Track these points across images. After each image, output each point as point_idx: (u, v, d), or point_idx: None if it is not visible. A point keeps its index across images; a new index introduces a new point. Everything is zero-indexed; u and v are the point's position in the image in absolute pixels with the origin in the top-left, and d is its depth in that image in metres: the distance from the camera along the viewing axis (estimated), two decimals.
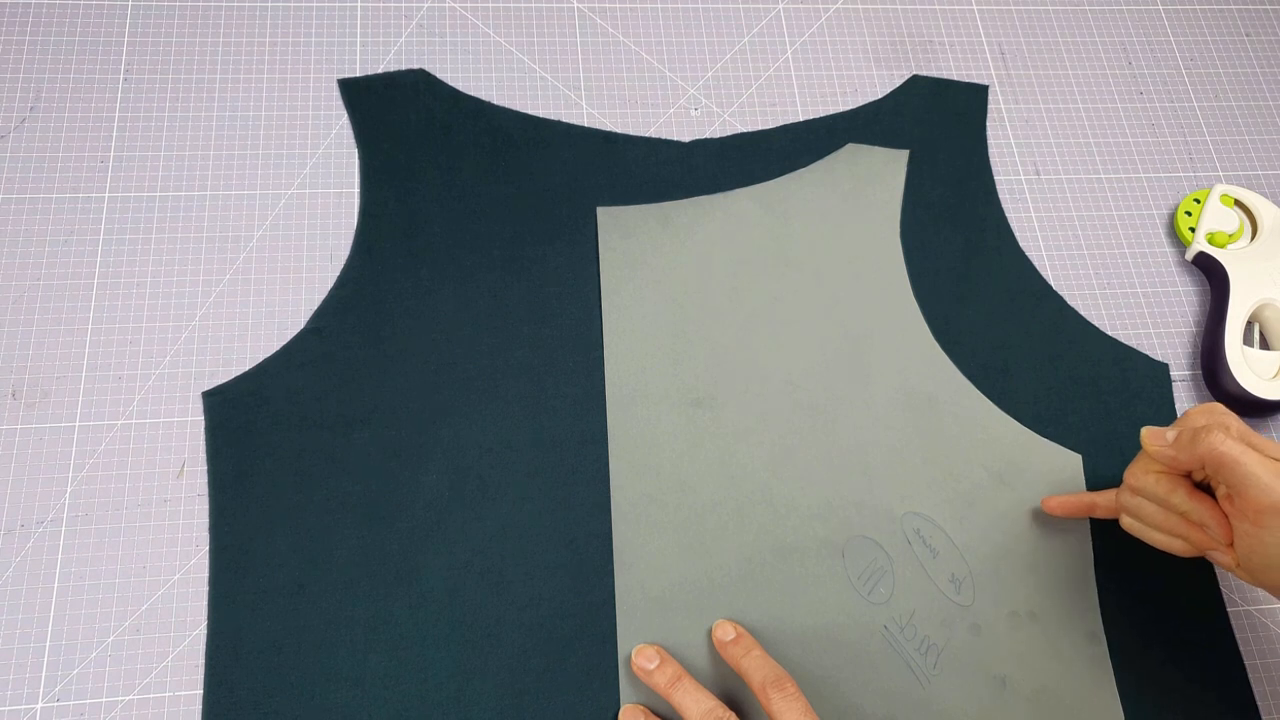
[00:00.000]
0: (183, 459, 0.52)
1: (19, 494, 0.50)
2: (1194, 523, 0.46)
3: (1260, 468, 0.41)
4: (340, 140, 0.60)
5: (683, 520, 0.52)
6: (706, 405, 0.55)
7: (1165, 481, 0.46)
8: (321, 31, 0.63)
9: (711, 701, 0.46)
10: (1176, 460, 0.45)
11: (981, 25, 0.70)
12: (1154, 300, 0.63)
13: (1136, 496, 0.48)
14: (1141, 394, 0.59)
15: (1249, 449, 0.42)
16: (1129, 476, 0.49)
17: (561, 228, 0.59)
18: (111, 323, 0.54)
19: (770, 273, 0.59)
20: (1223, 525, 0.44)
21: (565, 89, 0.64)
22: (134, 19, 0.62)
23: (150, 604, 0.49)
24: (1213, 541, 0.45)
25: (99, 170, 0.58)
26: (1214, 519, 0.45)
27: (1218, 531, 0.45)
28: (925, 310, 0.59)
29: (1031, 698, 0.51)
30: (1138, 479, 0.48)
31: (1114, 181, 0.66)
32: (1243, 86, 0.71)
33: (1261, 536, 0.42)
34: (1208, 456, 0.43)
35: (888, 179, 0.63)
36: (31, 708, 0.47)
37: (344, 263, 0.57)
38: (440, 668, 0.49)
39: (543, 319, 0.57)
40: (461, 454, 0.53)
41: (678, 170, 0.62)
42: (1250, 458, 0.42)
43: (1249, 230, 0.63)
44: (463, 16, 0.65)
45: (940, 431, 0.56)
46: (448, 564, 0.51)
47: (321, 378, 0.53)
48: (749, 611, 0.51)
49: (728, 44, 0.67)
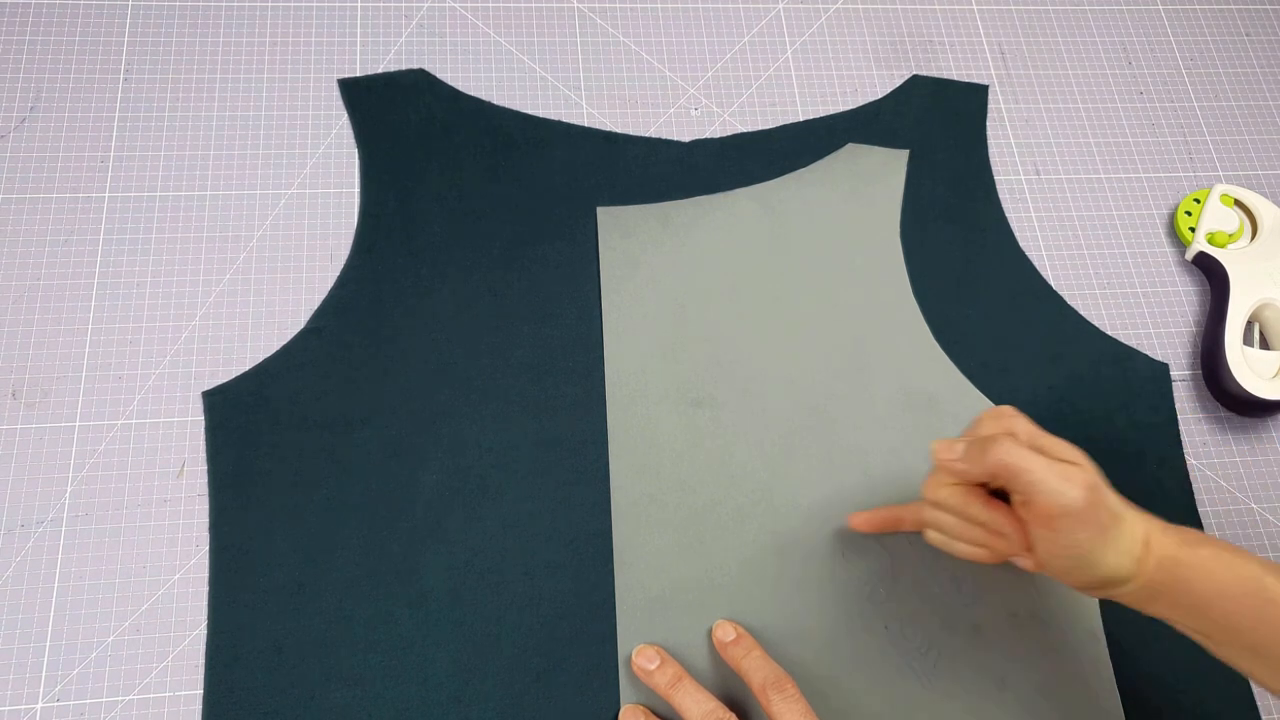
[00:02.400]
0: (183, 459, 0.52)
1: (19, 494, 0.50)
2: (994, 531, 0.45)
3: (1047, 472, 0.40)
4: (340, 140, 0.60)
5: (683, 520, 0.52)
6: (706, 405, 0.55)
7: (960, 494, 0.45)
8: (321, 31, 0.63)
9: (712, 703, 0.46)
10: (968, 473, 0.44)
11: (981, 25, 0.70)
12: (1154, 300, 0.63)
13: (936, 510, 0.47)
14: (1141, 394, 0.59)
15: (1035, 455, 0.41)
16: (926, 490, 0.47)
17: (561, 228, 0.59)
18: (111, 323, 0.54)
19: (770, 273, 0.59)
20: (1019, 532, 0.44)
21: (565, 89, 0.64)
22: (134, 19, 0.62)
23: (150, 604, 0.49)
24: (1014, 548, 0.44)
25: (99, 170, 0.58)
26: (1011, 527, 0.44)
27: (1015, 539, 0.44)
28: (925, 310, 0.59)
29: (1031, 698, 0.51)
30: (934, 492, 0.46)
31: (1114, 181, 0.66)
32: (1243, 86, 0.71)
33: (1057, 540, 0.41)
34: (995, 467, 0.42)
35: (888, 179, 0.63)
36: (31, 708, 0.47)
37: (344, 263, 0.57)
38: (440, 668, 0.49)
39: (543, 319, 0.57)
40: (461, 454, 0.53)
41: (678, 170, 0.62)
42: (1036, 463, 0.41)
43: (1249, 230, 0.63)
44: (463, 16, 0.65)
45: (940, 431, 0.56)
46: (448, 564, 0.51)
47: (321, 378, 0.53)
48: (749, 611, 0.51)
49: (728, 44, 0.67)
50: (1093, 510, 0.40)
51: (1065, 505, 0.40)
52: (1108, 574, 0.41)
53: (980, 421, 0.46)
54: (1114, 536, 0.41)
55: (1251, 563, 0.40)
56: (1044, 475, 0.40)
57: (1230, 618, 0.39)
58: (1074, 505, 0.40)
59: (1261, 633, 0.39)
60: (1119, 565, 0.41)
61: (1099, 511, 0.41)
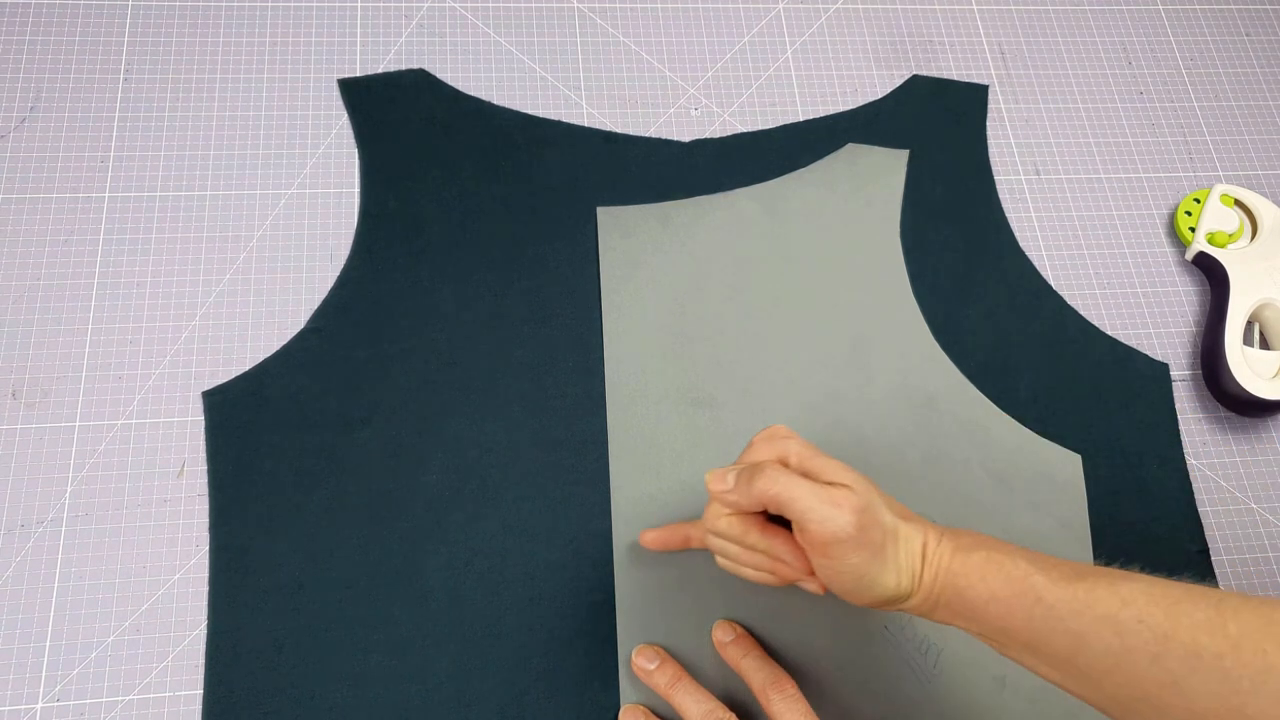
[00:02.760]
0: (183, 459, 0.52)
1: (19, 494, 0.50)
2: (775, 558, 0.44)
3: (814, 499, 0.40)
4: (340, 140, 0.60)
5: (683, 520, 0.52)
6: (706, 405, 0.55)
7: (739, 523, 0.44)
8: (321, 31, 0.63)
9: (711, 702, 0.46)
10: (739, 504, 0.42)
11: (981, 25, 0.70)
12: (1154, 300, 0.63)
13: (717, 539, 0.46)
14: (1141, 394, 0.59)
15: (801, 482, 0.40)
16: (706, 519, 0.46)
17: (561, 228, 0.59)
18: (111, 323, 0.54)
19: (770, 272, 0.59)
20: (799, 558, 0.43)
21: (565, 89, 0.64)
22: (134, 19, 0.62)
23: (150, 604, 0.49)
24: (797, 573, 0.44)
25: (99, 170, 0.58)
26: (789, 553, 0.43)
27: (797, 564, 0.43)
28: (925, 310, 0.59)
29: (1031, 697, 0.51)
30: (712, 522, 0.45)
31: (1114, 181, 0.66)
32: (1243, 86, 0.71)
33: (833, 565, 0.41)
34: (763, 499, 0.41)
35: (888, 179, 0.63)
36: (31, 708, 0.47)
37: (344, 263, 0.57)
38: (440, 668, 0.49)
39: (543, 319, 0.57)
40: (461, 454, 0.53)
41: (678, 170, 0.62)
42: (803, 491, 0.40)
43: (1249, 230, 0.63)
44: (463, 16, 0.65)
45: (940, 431, 0.56)
46: (448, 564, 0.51)
47: (321, 378, 0.53)
48: (749, 612, 0.51)
49: (728, 44, 0.67)
50: (864, 533, 0.40)
51: (835, 532, 0.39)
52: (888, 593, 0.41)
53: (752, 446, 0.44)
54: (890, 556, 0.41)
55: (1021, 561, 0.40)
56: (812, 503, 0.40)
57: (1003, 620, 0.39)
58: (844, 531, 0.39)
59: (1034, 632, 0.38)
60: (898, 583, 0.41)
61: (870, 534, 0.40)
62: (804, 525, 0.40)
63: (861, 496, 0.40)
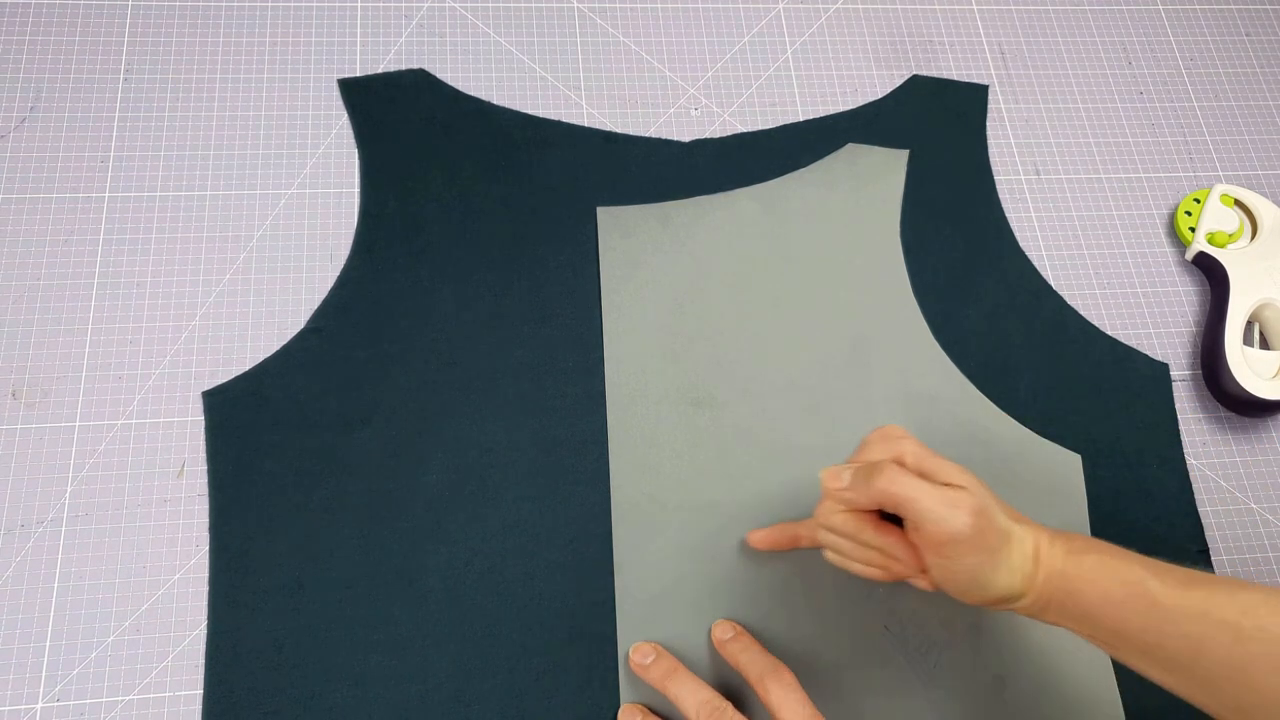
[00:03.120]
0: (183, 459, 0.52)
1: (19, 494, 0.50)
2: (888, 555, 0.45)
3: (932, 500, 0.40)
4: (340, 140, 0.60)
5: (683, 520, 0.52)
6: (706, 405, 0.55)
7: (852, 520, 0.45)
8: (321, 31, 0.63)
9: (708, 692, 0.46)
10: (855, 501, 0.43)
11: (981, 25, 0.70)
12: (1154, 300, 0.63)
13: (829, 534, 0.47)
14: (1141, 394, 0.59)
15: (919, 482, 0.41)
16: (819, 515, 0.46)
17: (561, 228, 0.59)
18: (111, 323, 0.54)
19: (770, 272, 0.59)
20: (912, 556, 0.44)
21: (565, 89, 0.64)
22: (134, 19, 0.62)
23: (150, 604, 0.49)
24: (908, 570, 0.45)
25: (99, 170, 0.58)
26: (903, 551, 0.44)
27: (909, 562, 0.44)
28: (925, 310, 0.59)
29: (1031, 698, 0.51)
30: (826, 518, 0.46)
31: (1114, 181, 0.66)
32: (1243, 86, 0.71)
33: (948, 564, 0.41)
34: (880, 497, 0.42)
35: (888, 179, 0.63)
36: (31, 708, 0.47)
37: (344, 263, 0.57)
38: (440, 668, 0.49)
39: (543, 319, 0.57)
40: (461, 454, 0.53)
41: (678, 170, 0.61)
42: (921, 492, 0.41)
43: (1249, 230, 0.63)
44: (463, 16, 0.65)
45: (940, 432, 0.56)
46: (448, 564, 0.51)
47: (321, 378, 0.53)
48: (749, 612, 0.51)
49: (728, 44, 0.67)
50: (980, 535, 0.40)
51: (952, 532, 0.40)
52: (1001, 593, 0.42)
53: (867, 444, 0.45)
54: (1004, 557, 0.41)
55: (1135, 565, 0.40)
56: (929, 504, 0.40)
57: (1118, 623, 0.39)
58: (961, 532, 0.40)
59: (1149, 635, 0.38)
60: (1010, 584, 0.41)
61: (986, 535, 0.40)
62: (921, 525, 0.41)
63: (978, 498, 0.41)
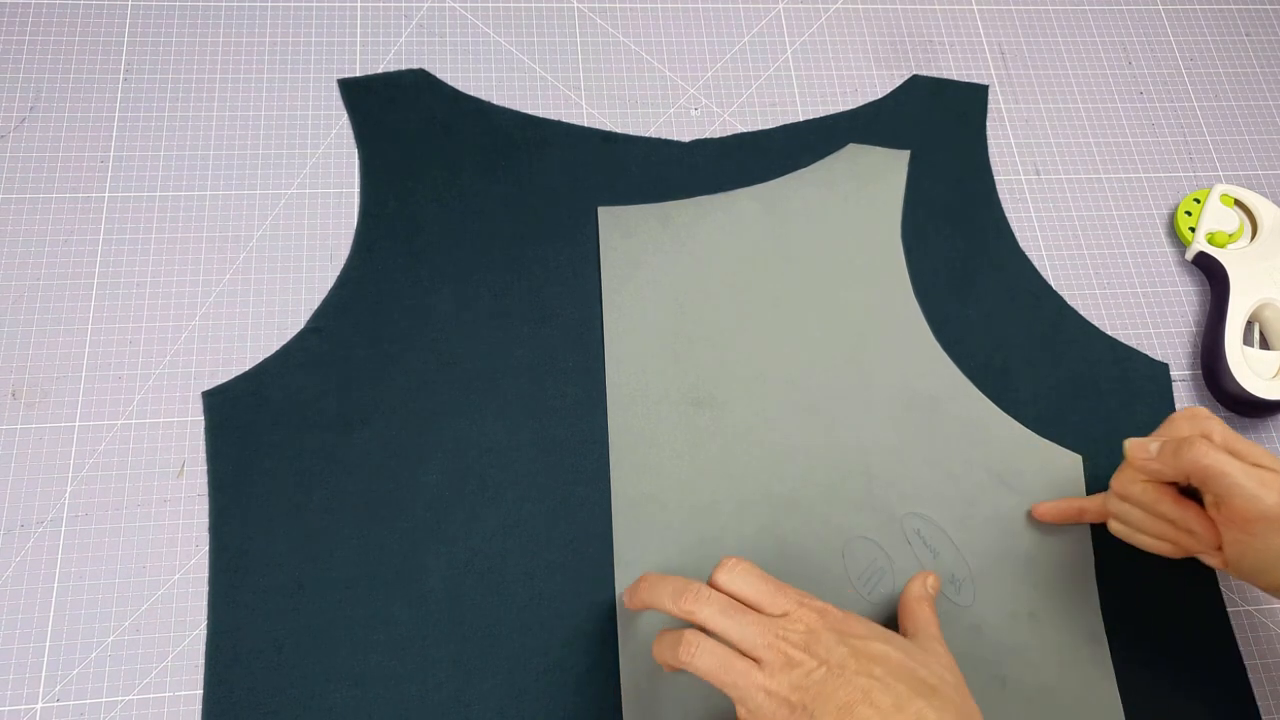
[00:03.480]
0: (183, 459, 0.52)
1: (19, 494, 0.50)
2: (1183, 529, 0.46)
3: (1245, 477, 0.42)
4: (340, 140, 0.60)
5: (683, 520, 0.52)
6: (706, 405, 0.55)
7: (1152, 490, 0.46)
8: (321, 31, 0.63)
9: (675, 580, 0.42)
10: (1161, 473, 0.45)
11: (981, 25, 0.70)
12: (1154, 300, 0.63)
13: (1124, 503, 0.48)
14: (1141, 394, 0.59)
15: (1232, 458, 0.42)
16: (1115, 484, 0.49)
17: (561, 228, 0.59)
18: (111, 323, 0.54)
19: (770, 273, 0.59)
20: (1210, 531, 0.45)
21: (565, 89, 0.64)
22: (134, 19, 0.62)
23: (150, 604, 0.49)
24: (1202, 546, 0.46)
25: (99, 170, 0.58)
26: (1201, 526, 0.45)
27: (1206, 538, 0.45)
28: (925, 310, 0.59)
29: (1031, 698, 0.51)
30: (1124, 487, 0.48)
31: (1114, 181, 0.66)
32: (1243, 86, 0.71)
33: (1251, 543, 0.42)
34: (1191, 469, 0.43)
35: (888, 179, 0.63)
36: (31, 708, 0.47)
37: (344, 263, 0.57)
38: (440, 668, 0.49)
39: (543, 319, 0.57)
40: (461, 454, 0.53)
41: (678, 170, 0.62)
42: (1234, 467, 0.42)
43: (1249, 230, 0.63)
44: (463, 16, 0.65)
45: (941, 432, 0.56)
46: (448, 564, 0.51)
47: (321, 378, 0.53)
48: None
49: (728, 44, 0.67)
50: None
51: (1263, 510, 0.41)
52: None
53: (1173, 421, 0.46)
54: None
55: None
56: (1242, 480, 0.41)
57: None
58: (1271, 510, 0.41)
59: None
60: None
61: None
62: (1229, 500, 0.42)
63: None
